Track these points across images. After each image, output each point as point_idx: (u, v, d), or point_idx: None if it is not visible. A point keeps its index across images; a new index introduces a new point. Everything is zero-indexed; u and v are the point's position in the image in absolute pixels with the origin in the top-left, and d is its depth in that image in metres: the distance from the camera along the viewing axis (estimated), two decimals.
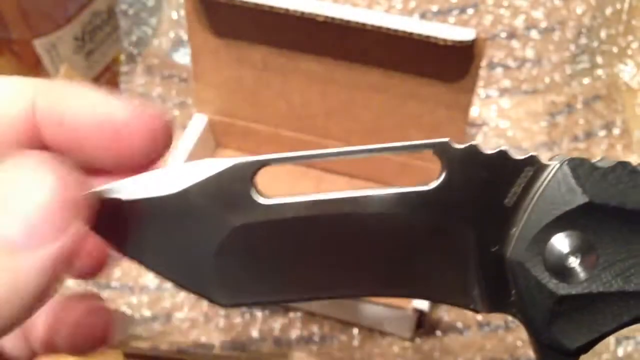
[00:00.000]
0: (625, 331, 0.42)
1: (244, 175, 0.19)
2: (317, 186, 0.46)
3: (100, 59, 0.51)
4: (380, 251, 0.20)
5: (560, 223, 0.19)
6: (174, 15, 0.54)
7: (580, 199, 0.19)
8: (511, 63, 0.51)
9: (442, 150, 0.19)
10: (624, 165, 0.19)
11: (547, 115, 0.50)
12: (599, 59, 0.51)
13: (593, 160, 0.19)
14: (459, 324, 0.42)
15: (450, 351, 0.41)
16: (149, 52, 0.53)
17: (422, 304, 0.38)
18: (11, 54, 0.47)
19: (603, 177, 0.19)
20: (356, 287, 0.21)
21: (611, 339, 0.40)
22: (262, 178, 0.19)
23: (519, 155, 0.19)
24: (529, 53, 0.51)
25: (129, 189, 0.19)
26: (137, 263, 0.20)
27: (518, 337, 0.41)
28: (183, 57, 0.53)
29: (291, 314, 0.42)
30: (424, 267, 0.20)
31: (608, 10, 0.51)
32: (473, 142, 0.19)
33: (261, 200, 0.19)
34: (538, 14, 0.51)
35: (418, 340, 0.41)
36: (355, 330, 0.42)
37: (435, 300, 0.21)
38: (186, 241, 0.19)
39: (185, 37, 0.53)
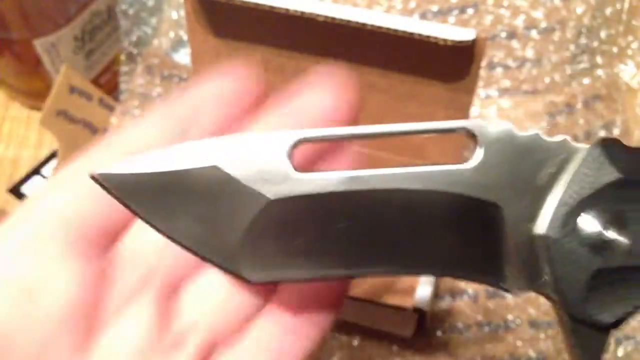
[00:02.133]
0: (625, 331, 0.42)
1: (281, 150, 0.19)
2: None
3: (100, 59, 0.51)
4: (414, 227, 0.20)
5: (594, 199, 0.19)
6: (174, 15, 0.54)
7: (613, 175, 0.19)
8: (511, 63, 0.51)
9: (477, 132, 0.20)
10: None
11: (547, 116, 0.50)
12: (599, 59, 0.51)
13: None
14: (459, 324, 0.42)
15: (450, 351, 0.41)
16: (149, 52, 0.53)
17: (422, 304, 0.38)
18: (11, 54, 0.47)
19: (635, 155, 0.19)
20: (387, 265, 0.21)
21: (611, 339, 0.40)
22: None
23: (552, 139, 0.20)
24: (529, 53, 0.51)
25: (159, 160, 0.19)
26: (165, 237, 0.19)
27: (518, 337, 0.41)
28: (183, 57, 0.53)
29: None
30: (456, 244, 0.20)
31: (608, 10, 0.51)
32: (507, 126, 0.20)
33: (298, 174, 0.19)
34: (538, 14, 0.51)
35: (418, 340, 0.41)
36: (355, 330, 0.42)
37: (466, 278, 0.21)
38: (217, 215, 0.19)
39: (185, 37, 0.53)
